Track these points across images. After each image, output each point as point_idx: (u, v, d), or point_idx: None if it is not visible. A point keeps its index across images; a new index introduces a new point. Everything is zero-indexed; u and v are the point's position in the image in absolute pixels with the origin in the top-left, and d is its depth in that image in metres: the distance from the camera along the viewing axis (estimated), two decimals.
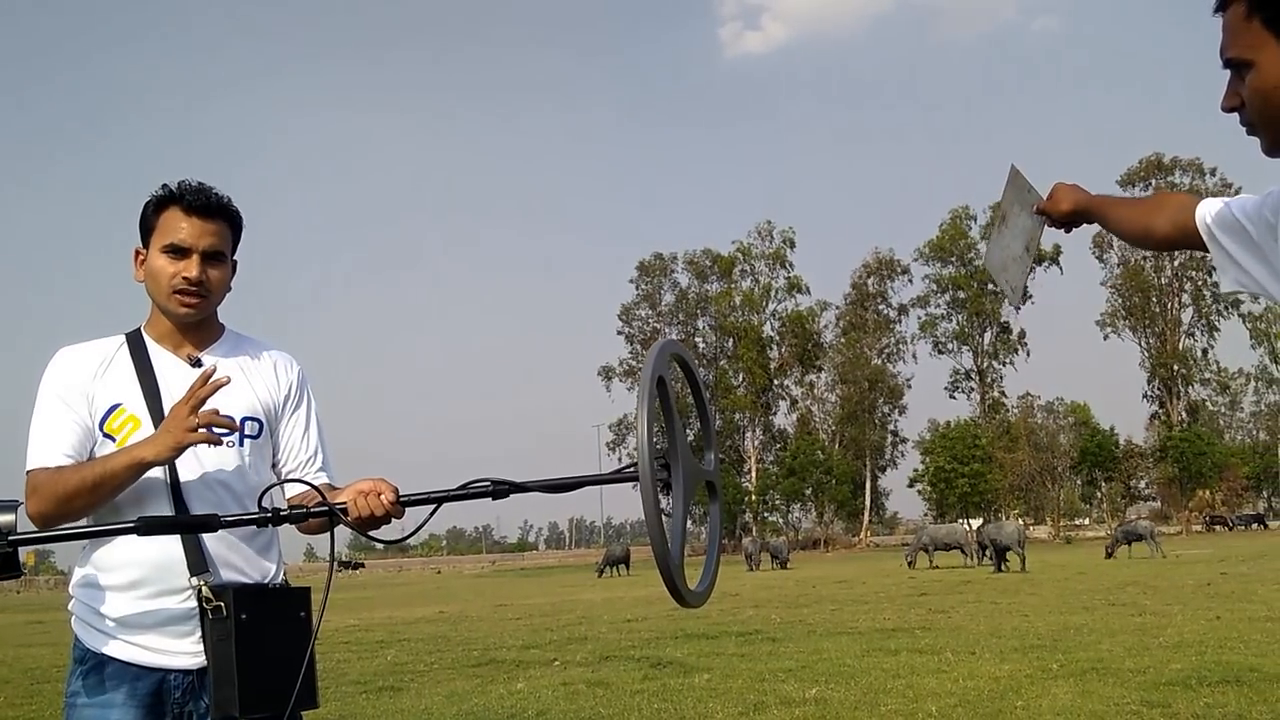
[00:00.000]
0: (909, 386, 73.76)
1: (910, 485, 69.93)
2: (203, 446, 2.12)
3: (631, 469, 1.71)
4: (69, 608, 2.18)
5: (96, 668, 2.08)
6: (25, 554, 1.91)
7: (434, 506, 1.97)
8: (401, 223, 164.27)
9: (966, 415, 70.81)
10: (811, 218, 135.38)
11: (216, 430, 1.99)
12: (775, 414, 75.70)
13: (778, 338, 74.11)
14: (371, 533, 1.98)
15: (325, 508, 1.96)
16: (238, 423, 2.19)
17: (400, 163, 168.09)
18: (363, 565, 67.24)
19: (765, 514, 72.46)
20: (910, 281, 73.91)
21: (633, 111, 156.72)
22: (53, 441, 2.07)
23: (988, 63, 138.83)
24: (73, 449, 2.08)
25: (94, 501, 2.01)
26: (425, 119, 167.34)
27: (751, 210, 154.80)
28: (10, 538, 1.80)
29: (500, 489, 1.90)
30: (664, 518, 1.71)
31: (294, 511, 1.97)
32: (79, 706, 2.08)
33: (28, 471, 2.06)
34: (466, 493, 1.90)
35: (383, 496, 1.96)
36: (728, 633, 12.07)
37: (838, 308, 74.80)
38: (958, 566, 30.70)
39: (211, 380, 1.93)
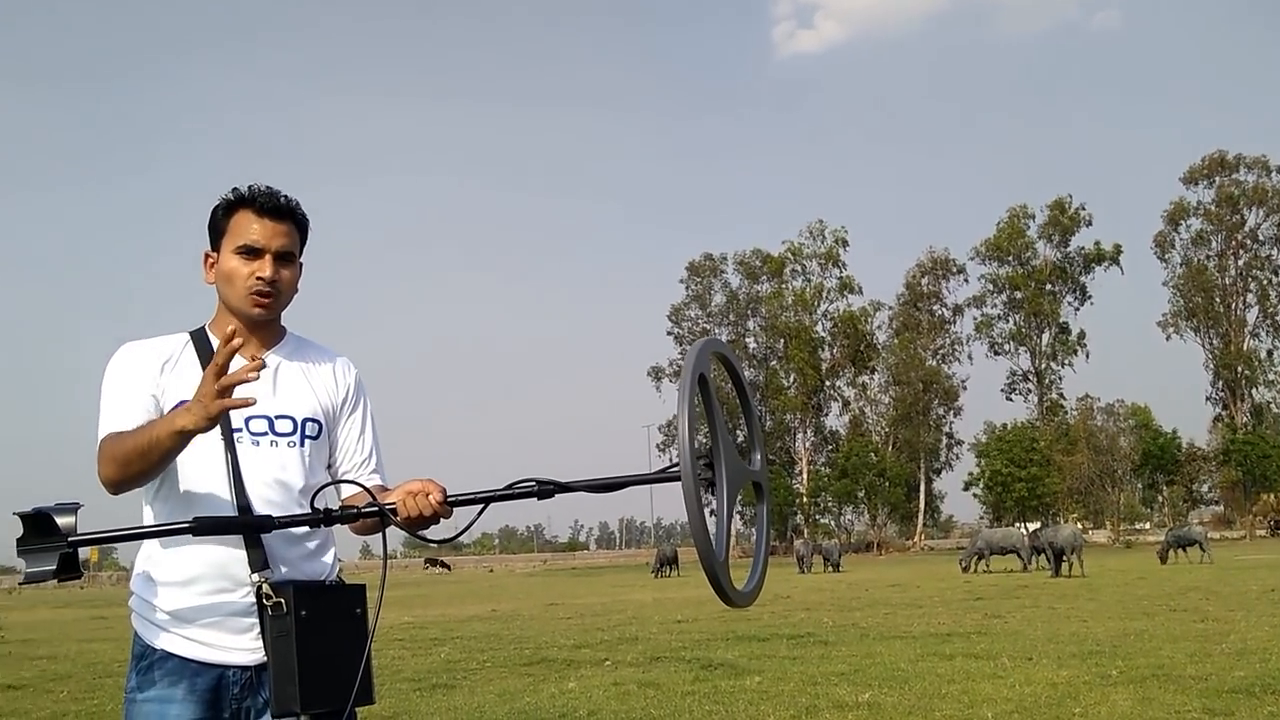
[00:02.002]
0: (964, 388, 73.06)
1: (966, 488, 69.21)
2: (265, 446, 2.17)
3: (675, 469, 1.70)
4: (129, 604, 2.21)
5: (156, 664, 2.11)
6: (89, 550, 1.94)
7: (481, 506, 1.98)
8: (448, 223, 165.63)
9: (1024, 417, 70.02)
10: (865, 217, 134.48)
11: (239, 396, 1.92)
12: (827, 415, 75.35)
13: (829, 338, 73.63)
14: (420, 532, 2.00)
15: (375, 508, 1.99)
16: (300, 421, 2.22)
17: (445, 163, 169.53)
18: (449, 566, 67.16)
19: (817, 516, 72.04)
20: (966, 281, 73.31)
21: (683, 111, 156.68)
22: (121, 412, 2.10)
23: (1047, 59, 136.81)
24: (143, 418, 2.10)
25: (148, 467, 2.02)
26: (473, 117, 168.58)
27: (803, 210, 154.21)
28: (70, 539, 1.84)
29: (545, 489, 1.90)
30: (711, 517, 1.70)
31: (345, 511, 2.00)
32: (139, 702, 2.10)
33: (98, 444, 2.08)
34: (513, 493, 1.91)
35: (431, 497, 1.98)
36: (779, 635, 12.02)
37: (891, 308, 74.30)
38: (1013, 571, 30.28)
39: (229, 345, 1.89)
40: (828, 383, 73.70)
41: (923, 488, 71.72)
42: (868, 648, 10.53)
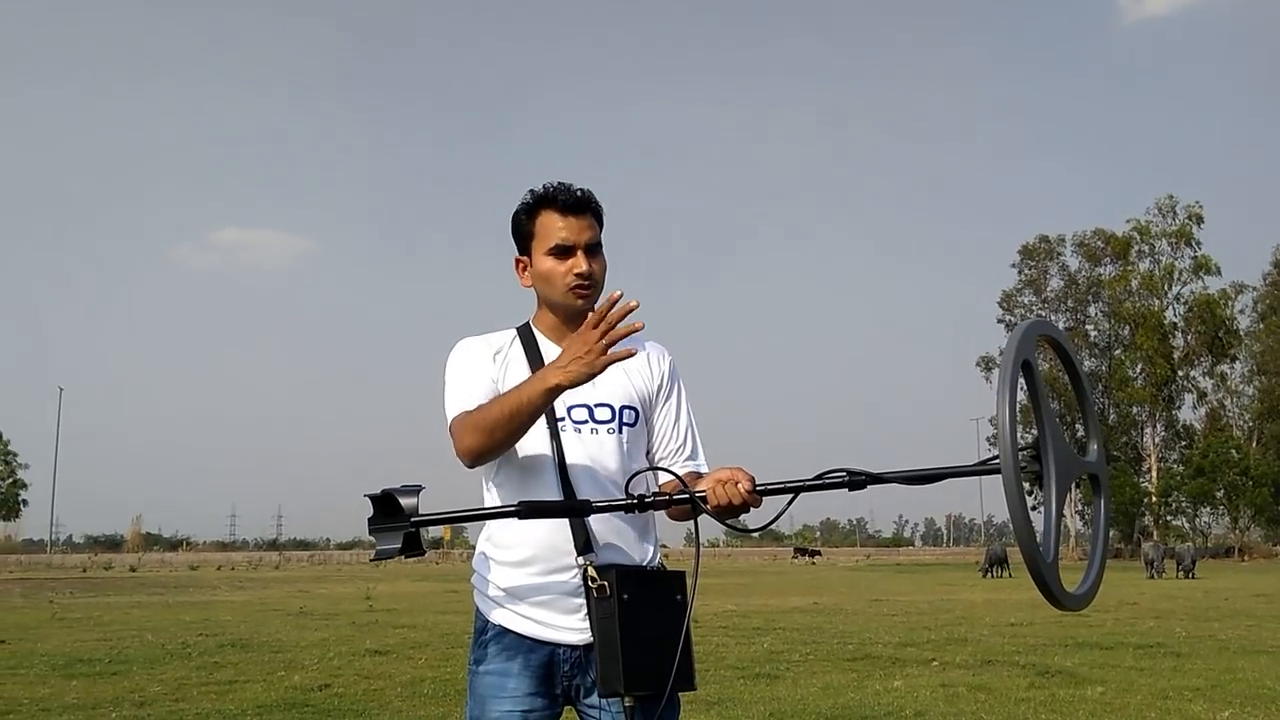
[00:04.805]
0: None
1: None
2: (585, 433, 2.23)
3: (995, 460, 1.59)
4: (470, 581, 2.35)
5: (493, 638, 2.23)
6: (442, 529, 2.10)
7: (791, 496, 1.95)
8: (774, 207, 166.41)
9: None
10: (1222, 191, 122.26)
11: (621, 348, 1.97)
12: (1179, 408, 69.05)
13: (1183, 324, 67.47)
14: (729, 521, 2.00)
15: (686, 495, 2.01)
16: (618, 409, 2.28)
17: (768, 146, 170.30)
18: (819, 553, 68.14)
19: (1168, 517, 66.40)
20: None
21: (1019, 83, 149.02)
22: (468, 392, 2.22)
23: None
24: (486, 398, 2.19)
25: (511, 430, 2.09)
26: (800, 97, 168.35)
27: (1151, 185, 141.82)
28: (413, 519, 1.98)
29: (857, 479, 1.85)
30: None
31: (657, 498, 2.03)
32: (480, 674, 2.23)
33: (450, 422, 2.20)
34: (823, 483, 1.87)
35: (740, 485, 1.97)
36: (1124, 644, 11.21)
37: (1255, 289, 67.18)
38: None
39: (620, 305, 1.94)
40: (1180, 373, 67.62)
41: None
42: (1227, 662, 9.62)
